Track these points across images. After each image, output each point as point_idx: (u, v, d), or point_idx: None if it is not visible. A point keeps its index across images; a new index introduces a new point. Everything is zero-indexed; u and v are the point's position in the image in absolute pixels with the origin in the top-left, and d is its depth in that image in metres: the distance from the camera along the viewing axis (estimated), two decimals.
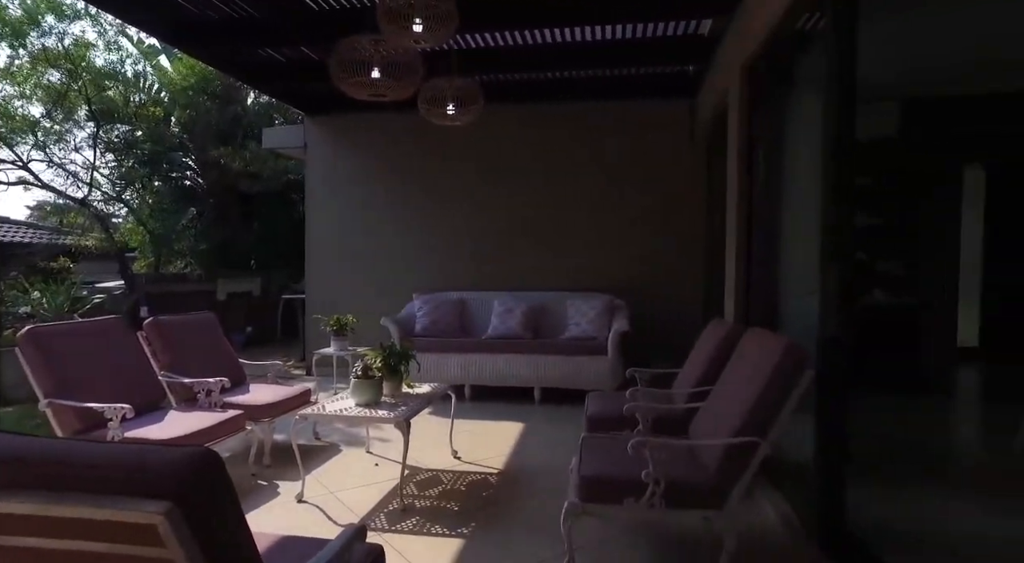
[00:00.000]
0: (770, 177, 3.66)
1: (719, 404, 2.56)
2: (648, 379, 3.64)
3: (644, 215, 6.04)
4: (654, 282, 6.00)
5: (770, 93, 3.68)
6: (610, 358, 5.08)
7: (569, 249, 6.17)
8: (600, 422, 3.20)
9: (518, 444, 4.00)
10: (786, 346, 2.20)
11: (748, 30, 3.63)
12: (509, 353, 5.32)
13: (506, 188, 6.26)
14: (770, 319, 3.68)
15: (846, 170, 2.41)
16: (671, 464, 2.28)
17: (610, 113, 6.07)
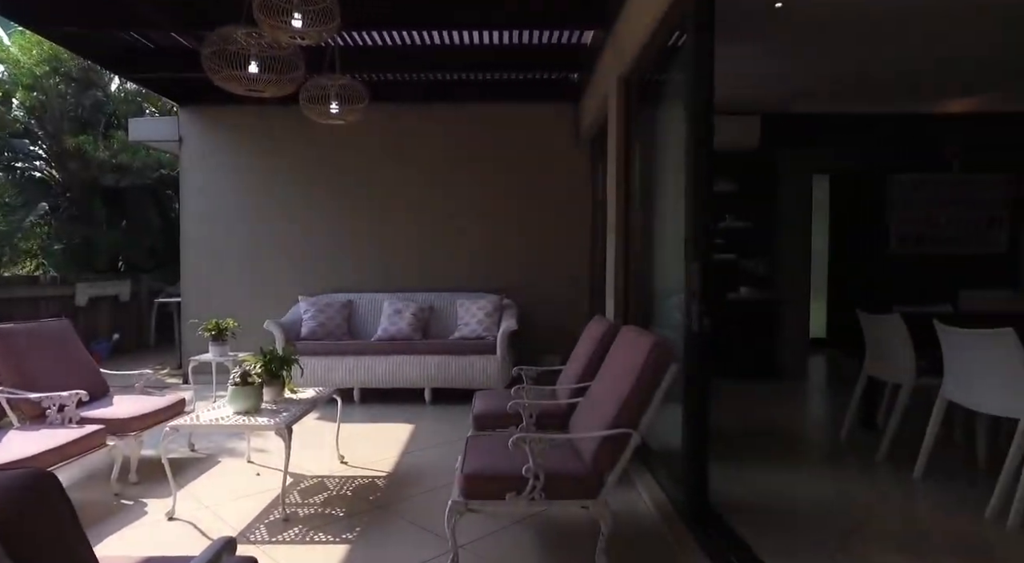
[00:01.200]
0: (645, 183, 3.90)
1: (596, 398, 2.71)
2: (534, 376, 3.76)
3: (533, 216, 6.20)
4: (543, 281, 6.18)
5: (644, 104, 3.93)
6: (499, 357, 5.18)
7: (459, 249, 6.22)
8: (486, 420, 3.27)
9: (407, 445, 3.99)
10: (654, 343, 2.37)
11: (624, 44, 3.84)
12: (399, 355, 5.28)
13: (395, 188, 6.20)
14: (647, 316, 3.93)
15: (705, 177, 2.63)
16: (550, 458, 2.38)
17: (498, 115, 6.18)
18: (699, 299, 2.59)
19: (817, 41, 4.58)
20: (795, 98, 5.99)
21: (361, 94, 3.72)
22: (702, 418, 2.68)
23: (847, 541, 2.47)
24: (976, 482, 3.12)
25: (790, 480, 3.18)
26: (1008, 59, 4.84)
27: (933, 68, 5.09)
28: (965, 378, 3.01)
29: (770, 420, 4.40)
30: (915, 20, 4.17)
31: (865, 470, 3.30)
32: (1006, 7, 3.94)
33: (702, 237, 2.63)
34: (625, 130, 4.03)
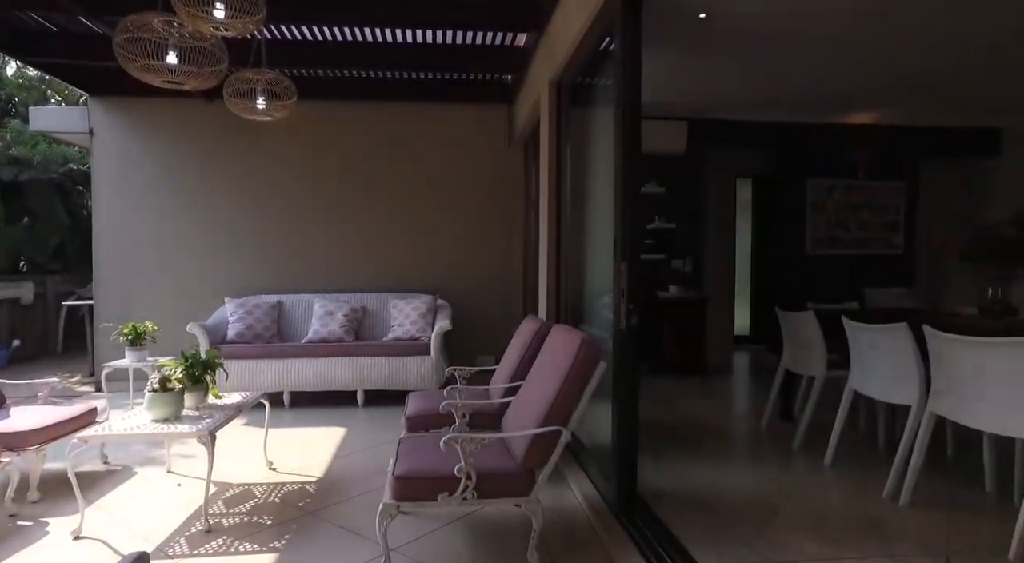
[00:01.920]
0: (577, 184, 3.98)
1: (527, 397, 2.74)
2: (467, 377, 3.76)
3: (468, 216, 6.20)
4: (478, 281, 6.19)
5: (575, 106, 4.00)
6: (433, 357, 5.16)
7: (392, 249, 6.14)
8: (419, 421, 3.25)
9: (339, 449, 3.91)
10: (582, 341, 2.42)
11: (555, 47, 3.91)
12: (330, 357, 5.16)
13: (327, 187, 6.06)
14: (579, 315, 4.01)
15: (633, 179, 2.71)
16: (483, 457, 2.40)
17: (432, 115, 6.14)
18: (627, 298, 2.67)
19: (738, 52, 4.80)
20: (720, 105, 6.26)
21: (290, 90, 3.62)
22: (631, 413, 2.77)
23: (765, 527, 2.60)
24: (877, 465, 3.35)
25: (715, 471, 3.32)
26: (902, 79, 5.24)
27: (839, 83, 5.44)
28: (867, 370, 3.24)
29: (697, 414, 4.57)
30: (823, 39, 4.45)
31: (783, 458, 3.49)
32: (900, 36, 4.26)
33: (630, 237, 2.72)
34: (557, 132, 4.10)
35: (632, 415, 2.76)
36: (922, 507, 2.79)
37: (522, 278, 6.19)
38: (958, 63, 4.97)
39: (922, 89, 5.68)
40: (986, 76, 5.32)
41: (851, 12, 4.04)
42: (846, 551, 2.39)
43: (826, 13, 4.07)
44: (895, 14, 4.07)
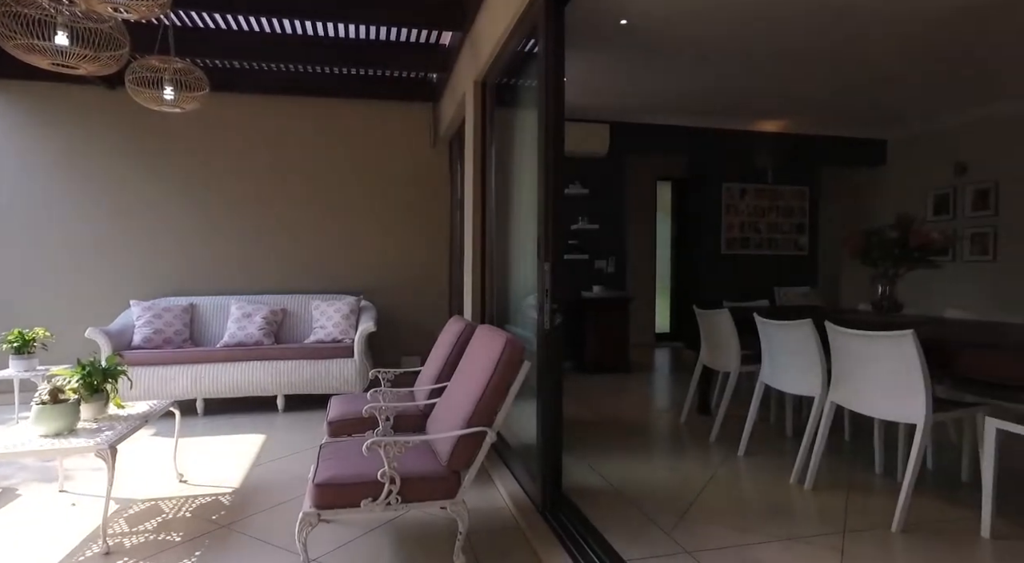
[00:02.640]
0: (501, 184, 3.99)
1: (452, 398, 2.72)
2: (392, 379, 3.70)
3: (393, 215, 6.10)
4: (404, 282, 6.10)
5: (500, 107, 4.01)
6: (357, 360, 5.03)
7: (314, 250, 5.95)
8: (342, 426, 3.16)
9: (257, 457, 3.75)
10: (506, 341, 2.42)
11: (480, 47, 3.90)
12: (248, 361, 4.94)
13: (244, 184, 5.79)
14: (505, 315, 4.02)
15: (555, 180, 2.74)
16: (407, 460, 2.36)
17: (356, 112, 6.00)
18: (551, 298, 2.70)
19: (656, 59, 4.97)
20: (641, 109, 6.45)
21: (201, 81, 3.42)
22: (556, 412, 2.80)
23: (683, 518, 2.70)
24: (785, 453, 3.56)
25: (637, 465, 3.42)
26: (804, 92, 5.60)
27: (748, 93, 5.75)
28: (776, 364, 3.43)
29: (620, 410, 4.69)
30: (732, 51, 4.68)
31: (700, 451, 3.64)
32: (801, 54, 4.55)
33: (553, 238, 2.75)
34: (482, 132, 4.09)
35: (556, 414, 2.80)
36: (823, 489, 2.99)
37: (448, 278, 6.16)
38: (852, 81, 5.36)
39: (820, 102, 6.09)
40: (874, 93, 5.77)
41: (757, 29, 4.28)
42: (757, 535, 2.51)
43: (735, 28, 4.29)
44: (796, 34, 4.35)
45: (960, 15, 4.06)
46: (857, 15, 4.12)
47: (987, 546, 2.44)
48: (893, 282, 3.41)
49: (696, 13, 4.09)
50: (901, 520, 2.53)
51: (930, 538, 2.49)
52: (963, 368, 2.54)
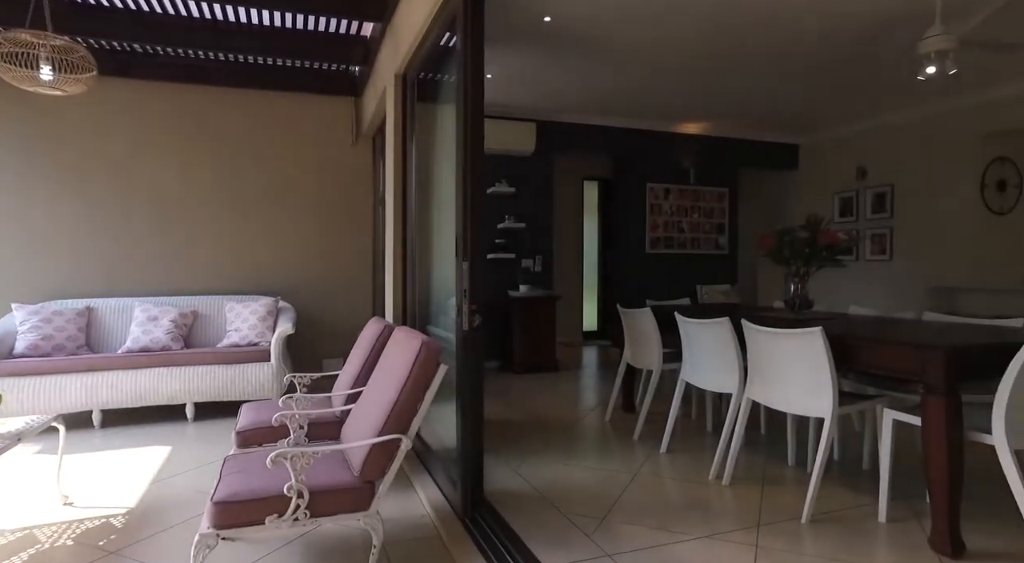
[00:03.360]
0: (423, 181, 3.88)
1: (367, 404, 2.60)
2: (309, 383, 3.53)
3: (313, 212, 5.85)
4: (326, 282, 5.87)
5: (422, 101, 3.90)
6: (274, 364, 4.79)
7: (228, 248, 5.62)
8: (252, 435, 2.97)
9: (160, 472, 3.47)
10: (421, 344, 2.33)
11: (400, 39, 3.78)
12: (154, 367, 4.60)
13: (151, 177, 5.39)
14: (427, 316, 3.91)
15: (474, 176, 2.66)
16: (317, 472, 2.23)
17: (273, 105, 5.71)
18: (469, 298, 2.62)
19: (581, 57, 4.99)
20: (567, 108, 6.48)
21: (87, 62, 3.13)
22: (476, 415, 2.73)
23: (605, 520, 2.69)
24: (705, 449, 3.64)
25: (561, 466, 3.39)
26: (724, 96, 5.80)
27: (671, 94, 5.88)
28: (696, 361, 3.49)
29: (546, 411, 4.68)
30: (654, 53, 4.77)
31: (624, 450, 3.66)
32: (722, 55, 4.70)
33: (472, 236, 2.67)
34: (402, 127, 3.97)
35: (477, 417, 2.72)
36: (740, 484, 3.06)
37: (373, 278, 5.97)
38: (767, 89, 5.59)
39: (738, 106, 6.32)
40: (785, 101, 6.04)
41: (678, 32, 4.37)
42: (676, 534, 2.53)
43: (657, 30, 4.36)
44: (716, 39, 4.47)
45: (853, 37, 4.28)
46: (769, 26, 4.27)
47: (883, 530, 2.56)
48: (804, 280, 3.55)
49: (620, 11, 4.12)
50: (809, 512, 2.62)
51: (834, 527, 2.58)
52: (864, 362, 2.65)
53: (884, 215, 6.89)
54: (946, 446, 2.28)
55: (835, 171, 7.48)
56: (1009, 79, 5.55)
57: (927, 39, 3.68)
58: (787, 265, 3.52)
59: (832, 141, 7.52)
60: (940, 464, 2.29)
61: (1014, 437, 2.27)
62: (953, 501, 2.30)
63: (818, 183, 7.70)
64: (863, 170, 7.11)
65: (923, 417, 2.35)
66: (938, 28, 3.65)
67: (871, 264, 7.04)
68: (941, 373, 2.28)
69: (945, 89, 5.85)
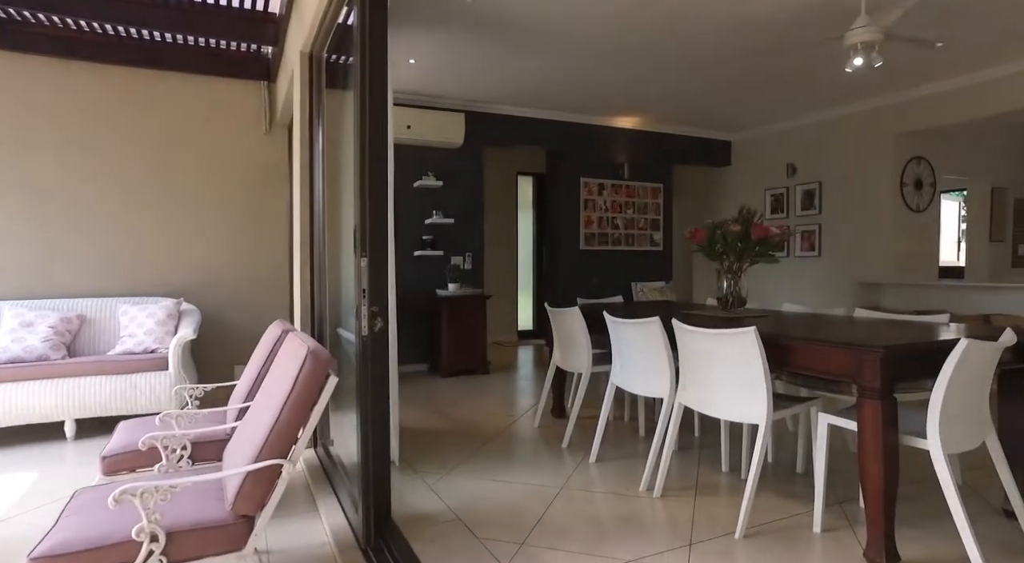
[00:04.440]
0: (334, 173, 3.53)
1: (249, 423, 2.25)
2: (202, 395, 3.13)
3: (224, 207, 5.36)
4: (238, 282, 5.39)
5: (332, 85, 3.55)
6: (172, 373, 4.31)
7: (122, 244, 5.06)
8: (121, 461, 2.56)
9: (16, 505, 2.99)
10: (308, 352, 2.00)
11: (304, 15, 3.41)
12: (27, 381, 4.05)
13: (28, 164, 4.78)
14: (337, 319, 3.56)
15: (376, 163, 2.35)
16: (180, 508, 1.87)
17: (175, 86, 5.18)
18: (370, 299, 2.31)
19: (509, 44, 4.73)
20: (498, 99, 6.22)
21: None
22: (380, 430, 2.42)
23: (526, 543, 2.44)
24: (637, 457, 3.45)
25: (483, 480, 3.12)
26: (657, 90, 5.66)
27: (604, 86, 5.70)
28: (626, 364, 3.29)
29: (473, 417, 4.40)
30: (584, 42, 4.55)
31: (552, 460, 3.42)
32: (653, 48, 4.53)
33: (373, 229, 2.36)
34: (310, 112, 3.60)
35: (381, 433, 2.42)
36: (672, 496, 2.87)
37: (288, 278, 5.53)
38: (698, 84, 5.48)
39: (672, 100, 6.21)
40: (715, 96, 5.98)
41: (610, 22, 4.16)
42: (601, 559, 2.30)
43: (587, 17, 4.14)
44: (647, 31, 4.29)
45: (778, 33, 4.20)
46: (695, 21, 4.13)
47: (818, 541, 2.42)
48: (738, 276, 3.40)
49: None
50: (744, 526, 2.44)
51: (769, 541, 2.41)
52: (798, 364, 2.50)
53: (813, 212, 6.96)
54: (882, 453, 2.13)
55: (766, 168, 7.52)
56: (920, 80, 5.67)
57: (853, 30, 3.61)
58: (719, 260, 3.36)
59: (763, 138, 7.56)
60: (875, 473, 2.14)
61: (948, 442, 2.15)
62: (888, 512, 2.16)
63: (750, 180, 7.74)
64: (793, 167, 7.17)
65: (859, 421, 2.21)
66: (864, 19, 3.59)
67: (801, 260, 7.11)
68: (878, 375, 2.13)
69: (860, 89, 5.91)
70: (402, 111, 5.83)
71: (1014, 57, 5.08)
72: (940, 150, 6.52)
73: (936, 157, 6.50)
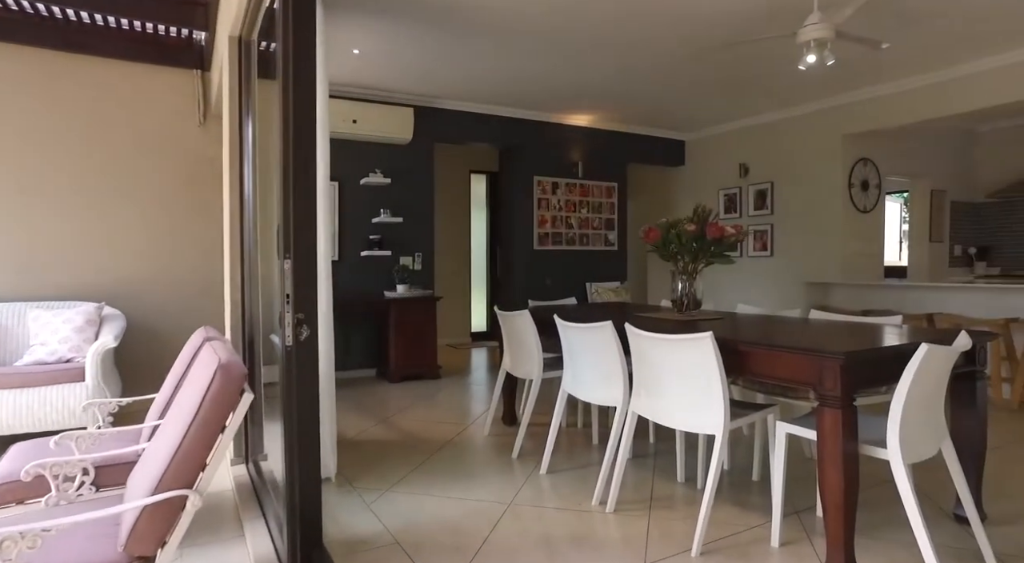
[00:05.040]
0: (265, 167, 3.26)
1: (154, 446, 1.99)
2: (115, 410, 2.83)
3: (154, 202, 4.98)
4: (171, 286, 5.02)
5: (265, 80, 3.28)
6: (90, 385, 3.95)
7: (36, 243, 4.64)
8: (5, 492, 2.25)
9: None
10: (219, 367, 1.76)
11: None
12: None
13: None
14: (271, 325, 3.30)
15: (302, 160, 2.12)
16: (59, 551, 1.61)
17: (99, 72, 4.78)
18: (294, 305, 2.08)
19: (459, 36, 4.53)
20: (450, 94, 6.00)
21: None
22: (307, 449, 2.19)
23: (472, 561, 2.25)
24: (590, 467, 3.30)
25: (427, 497, 2.92)
26: (610, 87, 5.55)
27: (557, 82, 5.55)
28: (577, 371, 3.14)
29: (420, 426, 4.18)
30: (535, 36, 4.39)
31: (500, 472, 3.24)
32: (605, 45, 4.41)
33: (301, 228, 2.13)
34: (239, 102, 3.32)
35: (309, 451, 2.19)
36: (626, 510, 2.73)
37: None
38: (655, 85, 5.40)
39: (626, 98, 6.12)
40: (671, 98, 5.91)
41: (560, 15, 4.01)
42: None
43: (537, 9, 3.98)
44: (597, 25, 4.15)
45: (730, 31, 4.14)
46: (647, 16, 4.02)
47: (776, 556, 2.31)
48: (692, 278, 3.29)
49: None
50: (700, 543, 2.31)
51: (726, 558, 2.29)
52: (756, 371, 2.39)
53: (765, 212, 6.99)
54: (842, 465, 2.03)
55: (720, 168, 7.53)
56: (866, 82, 5.73)
57: (806, 27, 3.56)
58: (674, 261, 3.24)
59: (717, 138, 7.57)
60: (835, 486, 2.04)
61: (909, 452, 2.06)
62: (848, 526, 2.06)
63: (704, 179, 7.75)
64: (745, 167, 7.19)
65: (819, 431, 2.10)
66: (816, 16, 3.54)
67: (754, 260, 7.14)
68: (838, 383, 2.03)
69: (811, 90, 5.95)
70: (347, 104, 5.55)
71: (951, 63, 5.18)
72: (885, 152, 6.63)
73: (881, 159, 6.61)
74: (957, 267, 7.80)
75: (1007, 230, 7.73)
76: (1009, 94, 5.02)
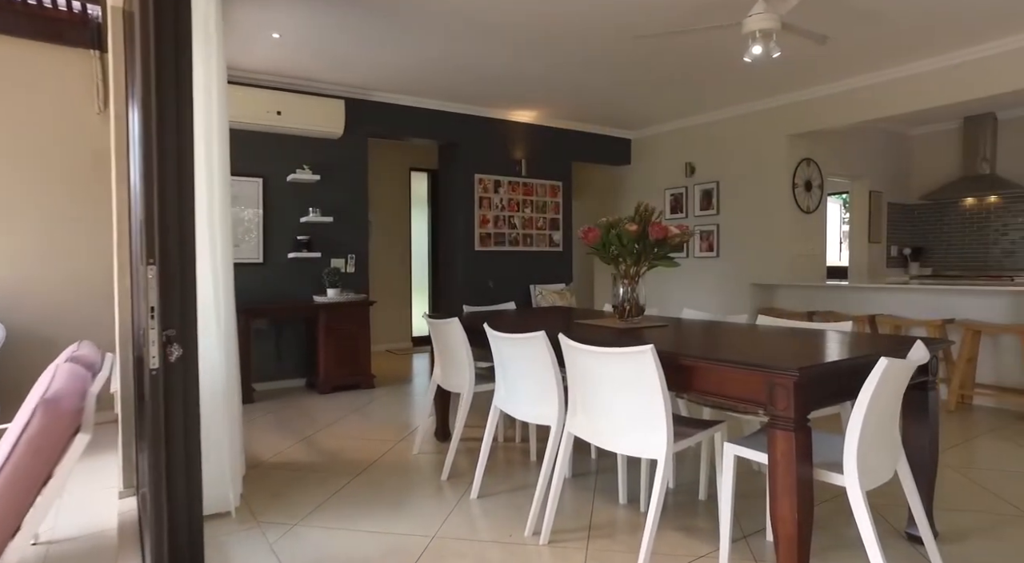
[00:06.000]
0: None
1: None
2: None
3: (39, 198, 4.44)
4: (58, 291, 4.49)
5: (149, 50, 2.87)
6: None
7: None
8: None
9: None
10: (40, 403, 1.40)
11: None
12: None
13: None
14: None
15: (169, 144, 1.77)
16: None
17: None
18: (160, 320, 1.72)
19: (391, 22, 4.19)
20: (381, 85, 5.64)
21: None
22: (181, 491, 1.83)
23: None
24: (526, 489, 3.04)
25: (341, 531, 2.58)
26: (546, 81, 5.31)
27: (498, 75, 5.27)
28: (510, 385, 2.86)
29: (345, 443, 3.82)
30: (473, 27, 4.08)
31: (427, 498, 2.93)
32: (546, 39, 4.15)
33: (168, 226, 1.77)
34: (125, 84, 2.91)
35: (188, 493, 1.83)
36: (563, 540, 2.46)
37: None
38: (600, 80, 5.18)
39: (570, 95, 5.90)
40: (616, 94, 5.72)
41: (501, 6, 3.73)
42: None
43: None
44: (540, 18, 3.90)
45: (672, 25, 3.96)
46: (591, 4, 3.80)
47: None
48: (635, 282, 3.07)
49: None
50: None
51: None
52: (702, 387, 2.16)
53: (711, 212, 6.90)
54: (795, 491, 1.82)
55: (666, 167, 7.42)
56: (808, 82, 5.69)
57: (751, 17, 3.40)
58: (615, 264, 3.01)
59: (662, 136, 7.45)
60: (788, 517, 1.83)
61: (866, 477, 1.87)
62: (802, 559, 1.85)
63: (650, 179, 7.62)
64: (691, 166, 7.09)
65: (770, 454, 1.89)
66: (761, 6, 3.38)
67: (700, 261, 7.04)
68: (791, 402, 1.82)
69: (755, 88, 5.88)
70: (269, 94, 5.13)
71: (889, 65, 5.18)
72: (826, 152, 6.64)
73: (823, 159, 6.61)
74: (894, 267, 7.93)
75: (937, 232, 7.91)
76: (943, 97, 5.04)
